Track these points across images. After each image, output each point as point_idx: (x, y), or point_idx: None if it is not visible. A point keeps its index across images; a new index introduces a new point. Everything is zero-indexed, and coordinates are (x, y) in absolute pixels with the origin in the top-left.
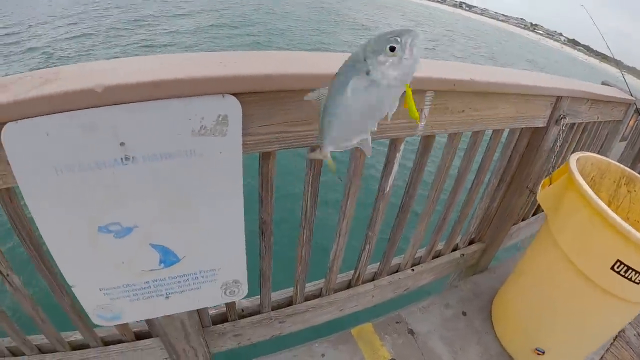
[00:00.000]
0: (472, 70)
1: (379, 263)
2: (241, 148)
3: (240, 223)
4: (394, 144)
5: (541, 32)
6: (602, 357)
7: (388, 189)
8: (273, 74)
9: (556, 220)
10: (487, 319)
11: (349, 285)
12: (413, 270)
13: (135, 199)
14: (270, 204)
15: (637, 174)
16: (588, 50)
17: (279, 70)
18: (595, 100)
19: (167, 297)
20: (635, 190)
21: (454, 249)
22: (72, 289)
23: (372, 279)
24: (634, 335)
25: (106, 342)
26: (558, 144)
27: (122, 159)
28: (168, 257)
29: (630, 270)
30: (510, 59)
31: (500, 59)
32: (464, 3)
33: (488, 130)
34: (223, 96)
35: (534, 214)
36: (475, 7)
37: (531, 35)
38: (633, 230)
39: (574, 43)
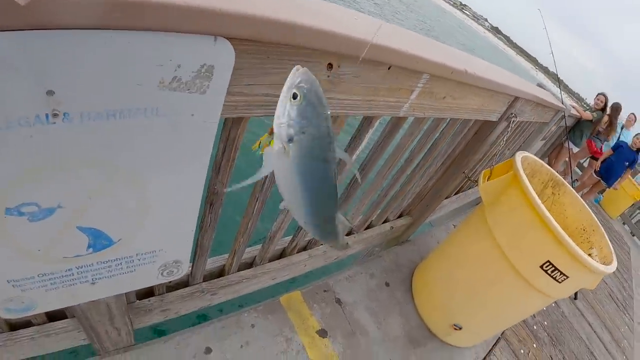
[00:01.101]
0: (465, 59)
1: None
2: (220, 111)
3: (197, 200)
4: (369, 119)
5: (468, 13)
6: (503, 333)
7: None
8: (286, 21)
9: (493, 213)
10: (407, 291)
11: (282, 254)
12: (347, 243)
13: (62, 171)
14: (228, 173)
15: (563, 180)
16: (508, 41)
17: (293, 16)
18: (538, 104)
19: (93, 283)
20: (559, 194)
21: (385, 221)
22: None
23: (306, 247)
24: (531, 316)
25: (13, 326)
26: (504, 138)
27: (48, 115)
28: (99, 241)
29: (556, 271)
30: (446, 39)
31: (438, 37)
32: None
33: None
34: (215, 39)
35: (455, 193)
36: None
37: (458, 14)
38: (567, 237)
39: (495, 31)
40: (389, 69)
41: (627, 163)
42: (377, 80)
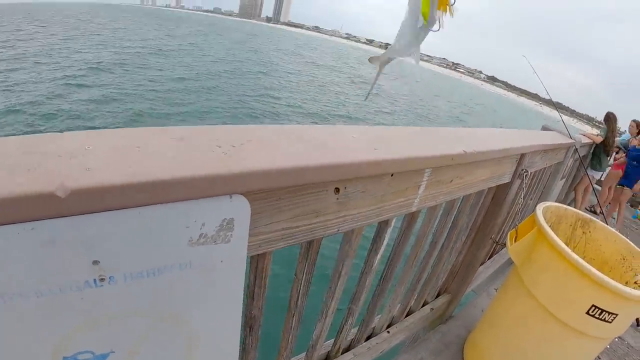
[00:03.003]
0: (463, 137)
1: (357, 329)
2: (246, 253)
3: (237, 327)
4: (385, 222)
5: (462, 70)
6: None
7: (376, 263)
8: (293, 167)
9: (528, 272)
10: None
11: (327, 357)
12: (389, 332)
13: (112, 322)
14: (262, 298)
15: (590, 217)
16: (507, 85)
17: (299, 161)
18: (547, 150)
19: None
20: (589, 232)
21: (424, 304)
22: None
23: (349, 347)
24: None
25: None
26: (521, 195)
27: (95, 280)
28: None
29: (604, 312)
30: (452, 95)
31: (445, 96)
32: (389, 44)
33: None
34: (230, 197)
35: (489, 258)
36: None
37: (453, 73)
38: (606, 278)
39: (492, 79)
40: (392, 176)
41: (635, 162)
42: (383, 188)
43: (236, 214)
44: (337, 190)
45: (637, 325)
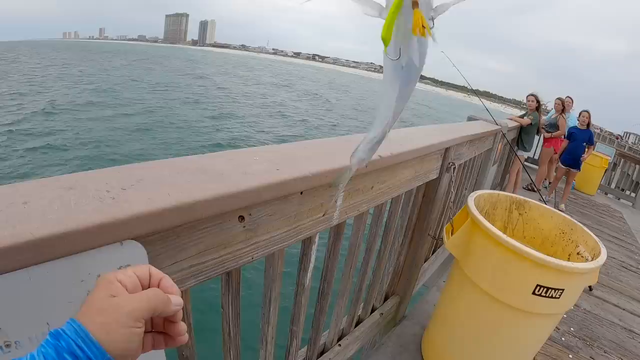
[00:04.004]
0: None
1: (306, 349)
2: None
3: None
4: (307, 239)
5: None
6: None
7: (307, 282)
8: (183, 203)
9: (469, 264)
10: None
11: None
12: (340, 345)
13: None
14: (191, 337)
15: (524, 198)
16: (433, 81)
17: (190, 196)
18: (473, 140)
19: None
20: (525, 212)
21: (372, 311)
22: None
23: None
24: (554, 330)
25: None
26: (453, 190)
27: (2, 346)
28: None
29: (549, 290)
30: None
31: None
32: (317, 55)
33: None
34: (121, 244)
35: (433, 252)
36: (327, 57)
37: (382, 76)
38: (546, 257)
39: (421, 77)
40: (301, 194)
41: (585, 143)
42: (294, 208)
43: (131, 259)
44: (241, 218)
45: (590, 289)
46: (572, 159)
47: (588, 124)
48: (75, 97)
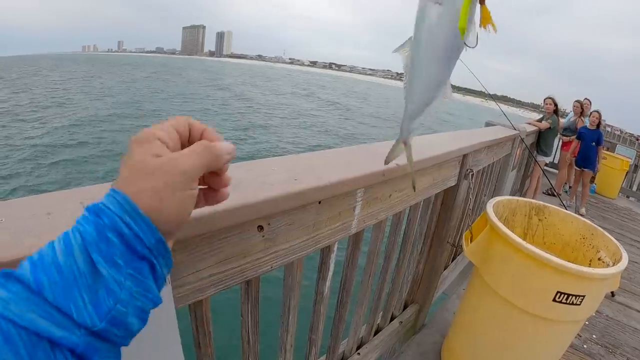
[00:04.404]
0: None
1: (325, 357)
2: (173, 304)
3: None
4: (326, 248)
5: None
6: None
7: (326, 291)
8: (203, 213)
9: (489, 271)
10: None
11: None
12: (359, 354)
13: None
14: (210, 345)
15: (544, 203)
16: (452, 87)
17: (206, 208)
18: (491, 145)
19: None
20: (545, 217)
21: (392, 319)
22: None
23: None
24: (576, 337)
25: None
26: (471, 196)
27: None
28: None
29: (570, 297)
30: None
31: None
32: (333, 64)
33: None
34: None
35: (452, 260)
36: (344, 65)
37: (399, 83)
38: (566, 263)
39: None
40: (319, 203)
41: (594, 143)
42: (312, 218)
43: None
44: (260, 227)
45: (612, 295)
46: (583, 160)
47: (598, 124)
48: (97, 110)
